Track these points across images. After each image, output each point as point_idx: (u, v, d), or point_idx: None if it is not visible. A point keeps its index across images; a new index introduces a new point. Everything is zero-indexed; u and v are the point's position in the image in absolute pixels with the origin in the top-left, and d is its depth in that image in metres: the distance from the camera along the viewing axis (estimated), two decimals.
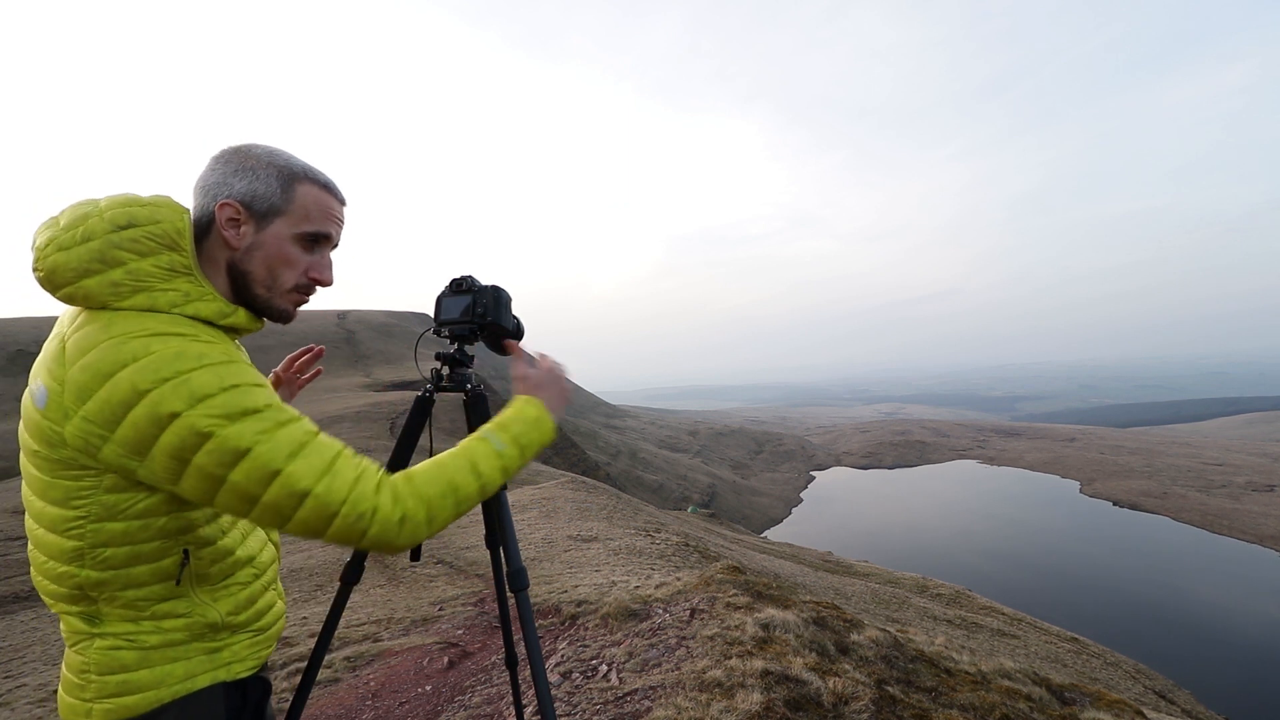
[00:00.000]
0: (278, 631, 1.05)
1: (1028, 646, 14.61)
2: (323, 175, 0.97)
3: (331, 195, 0.97)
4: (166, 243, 0.85)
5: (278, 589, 1.08)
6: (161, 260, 0.84)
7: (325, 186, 0.96)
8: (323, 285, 1.00)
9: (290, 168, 0.93)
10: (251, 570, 0.98)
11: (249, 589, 0.97)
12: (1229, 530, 48.73)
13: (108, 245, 0.82)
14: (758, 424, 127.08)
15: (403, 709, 3.17)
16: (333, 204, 0.97)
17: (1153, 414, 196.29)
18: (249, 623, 0.96)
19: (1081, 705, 3.41)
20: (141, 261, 0.83)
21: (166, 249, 0.85)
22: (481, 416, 1.45)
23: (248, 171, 0.90)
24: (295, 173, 0.93)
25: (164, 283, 0.84)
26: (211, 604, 0.91)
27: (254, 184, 0.90)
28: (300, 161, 0.95)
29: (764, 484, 75.87)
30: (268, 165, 0.91)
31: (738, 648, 2.95)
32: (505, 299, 1.46)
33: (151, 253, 0.84)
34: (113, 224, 0.83)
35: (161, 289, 0.84)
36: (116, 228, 0.83)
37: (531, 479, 22.57)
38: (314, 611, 6.37)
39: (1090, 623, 27.88)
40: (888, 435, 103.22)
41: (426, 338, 1.63)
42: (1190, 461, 69.15)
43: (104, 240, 0.82)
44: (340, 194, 1.00)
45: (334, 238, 0.98)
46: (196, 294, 0.87)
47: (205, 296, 0.87)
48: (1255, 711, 23.59)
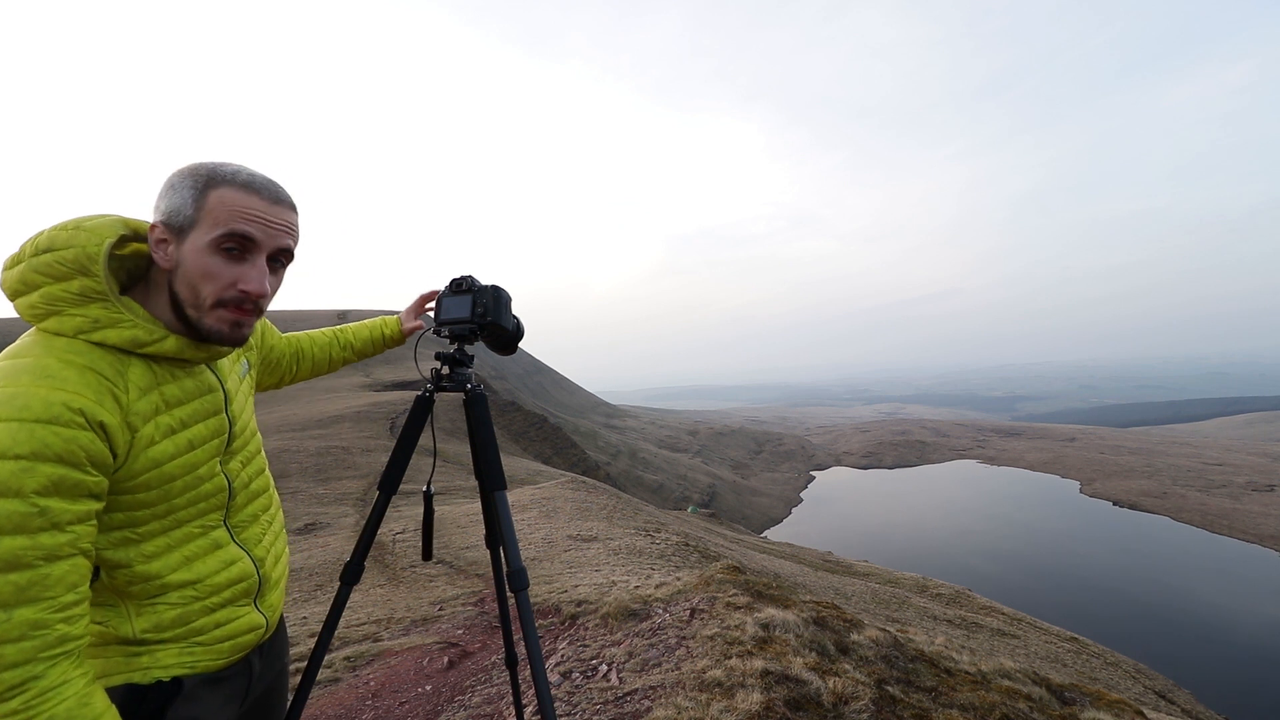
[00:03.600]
0: (242, 643, 1.02)
1: (1028, 646, 14.61)
2: (245, 175, 0.89)
3: (253, 194, 0.89)
4: (78, 268, 0.83)
5: (256, 604, 1.05)
6: (73, 286, 0.83)
7: (245, 186, 0.88)
8: (252, 296, 0.90)
9: (206, 175, 0.87)
10: (190, 593, 0.93)
11: (182, 609, 0.92)
12: (1229, 530, 48.72)
13: (28, 269, 0.84)
14: (758, 424, 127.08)
15: (403, 709, 3.17)
16: (252, 203, 0.88)
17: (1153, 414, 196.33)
18: (179, 638, 0.93)
19: (1081, 705, 3.41)
20: (54, 286, 0.83)
21: (78, 274, 0.84)
22: (481, 416, 1.45)
23: (170, 189, 0.87)
24: (211, 179, 0.87)
25: (75, 308, 0.83)
26: (130, 619, 0.89)
27: (172, 200, 0.87)
28: (227, 167, 0.89)
29: (764, 484, 75.86)
30: (186, 178, 0.87)
31: (738, 647, 2.95)
32: (505, 299, 1.46)
33: (64, 277, 0.83)
34: (35, 248, 0.84)
35: (71, 314, 0.83)
36: (38, 251, 0.84)
37: (531, 479, 22.57)
38: (314, 611, 6.37)
39: (1090, 623, 27.87)
40: (888, 435, 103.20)
41: (426, 338, 1.64)
42: (1190, 461, 69.15)
43: (27, 264, 0.84)
44: (272, 192, 0.91)
45: (260, 239, 0.89)
46: (107, 320, 0.84)
47: (120, 324, 0.85)
48: (1255, 711, 23.58)
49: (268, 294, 0.93)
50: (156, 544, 0.90)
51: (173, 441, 0.90)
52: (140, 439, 0.86)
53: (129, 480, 0.85)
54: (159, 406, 0.90)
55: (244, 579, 1.02)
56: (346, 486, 17.71)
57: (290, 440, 23.67)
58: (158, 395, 0.90)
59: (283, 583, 1.16)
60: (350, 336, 1.52)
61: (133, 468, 0.85)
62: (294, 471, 19.25)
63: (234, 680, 1.03)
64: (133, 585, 0.88)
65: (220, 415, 1.00)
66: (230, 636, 0.99)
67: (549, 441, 47.79)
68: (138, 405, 0.86)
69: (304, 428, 26.72)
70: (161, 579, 0.90)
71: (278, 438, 24.26)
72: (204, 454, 0.96)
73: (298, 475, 18.88)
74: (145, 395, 0.88)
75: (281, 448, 22.04)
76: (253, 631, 1.04)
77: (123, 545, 0.87)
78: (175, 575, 0.92)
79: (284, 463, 20.04)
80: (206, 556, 0.96)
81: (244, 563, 1.02)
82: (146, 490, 0.87)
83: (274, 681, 1.18)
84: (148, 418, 0.87)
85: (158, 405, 0.89)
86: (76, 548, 0.78)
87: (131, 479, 0.85)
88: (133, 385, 0.86)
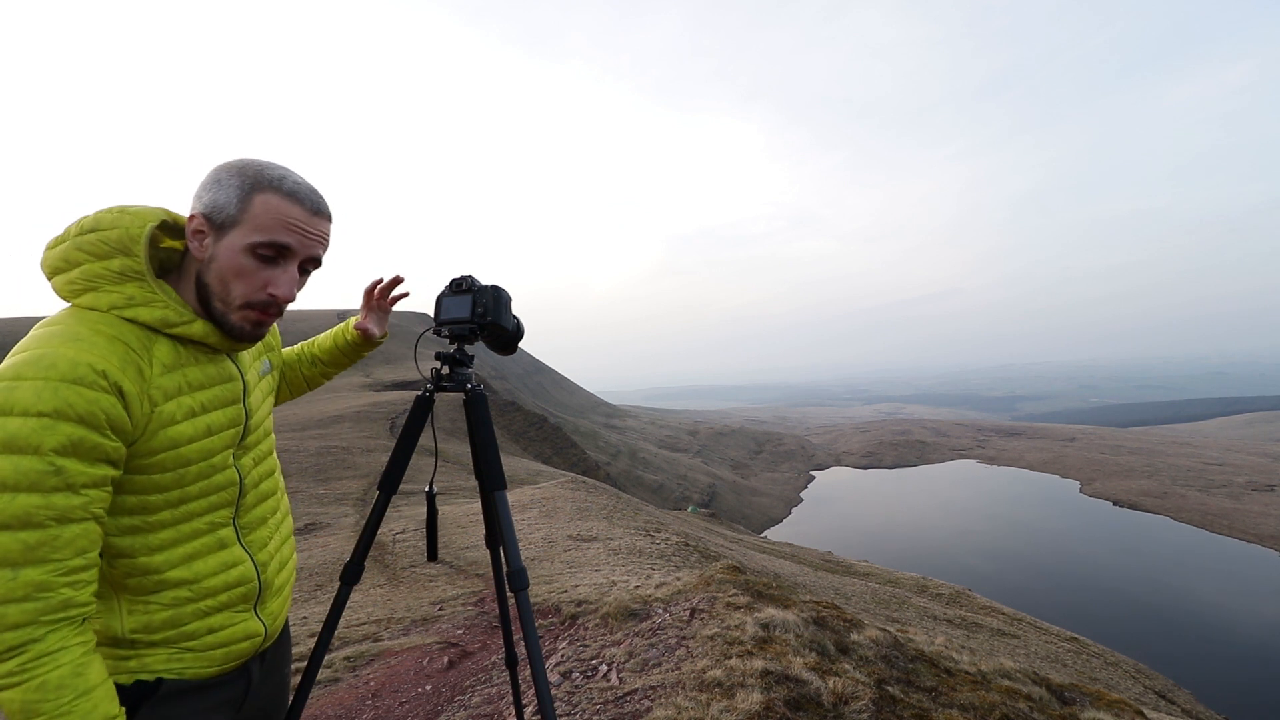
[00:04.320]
0: (237, 651, 0.99)
1: (1028, 646, 14.61)
2: (290, 182, 0.92)
3: (296, 204, 0.92)
4: (120, 248, 0.87)
5: (256, 610, 1.03)
6: (113, 264, 0.87)
7: (290, 195, 0.91)
8: (280, 301, 0.94)
9: (253, 177, 0.90)
10: (185, 593, 0.92)
11: (175, 611, 0.91)
12: (1229, 530, 48.70)
13: (71, 247, 0.88)
14: (758, 424, 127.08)
15: (403, 709, 3.17)
16: (294, 212, 0.91)
17: (1153, 414, 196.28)
18: (169, 641, 0.91)
19: (1081, 705, 3.41)
20: (95, 264, 0.87)
21: (119, 253, 0.87)
22: (481, 416, 1.45)
23: (215, 183, 0.90)
24: (258, 182, 0.89)
25: (113, 285, 0.87)
26: (120, 616, 0.88)
27: (217, 195, 0.90)
28: (273, 171, 0.91)
29: (764, 484, 75.85)
30: (233, 175, 0.90)
31: (738, 647, 2.95)
32: (505, 299, 1.46)
33: (106, 256, 0.87)
34: (80, 228, 0.89)
35: (108, 290, 0.87)
36: (83, 231, 0.88)
37: (531, 479, 22.58)
38: (314, 611, 6.37)
39: (1090, 623, 27.86)
40: (888, 435, 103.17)
41: (426, 337, 1.64)
42: (1190, 461, 69.13)
43: (71, 242, 0.88)
44: (313, 203, 0.94)
45: (295, 249, 0.93)
46: (142, 299, 0.88)
47: (153, 303, 0.88)
48: (1255, 711, 23.57)
49: (294, 299, 0.97)
50: (164, 536, 0.90)
51: (192, 424, 0.92)
52: (160, 415, 0.87)
53: (148, 457, 0.86)
54: (182, 386, 0.91)
55: (243, 583, 1.00)
56: (346, 486, 17.71)
57: (290, 440, 23.68)
58: (180, 375, 0.92)
59: (287, 590, 1.13)
60: (316, 349, 1.48)
61: (151, 444, 0.86)
62: (294, 471, 19.27)
63: (226, 689, 1.00)
64: (131, 578, 0.88)
65: (238, 405, 1.01)
66: (224, 644, 0.97)
67: (549, 441, 47.80)
68: (160, 380, 0.89)
69: (304, 427, 26.73)
70: (161, 574, 0.90)
71: (278, 437, 24.12)
72: (219, 442, 0.96)
73: (298, 475, 18.90)
74: (169, 373, 0.90)
75: (281, 447, 22.01)
76: (250, 639, 1.01)
77: (131, 533, 0.88)
78: (174, 572, 0.91)
79: (284, 463, 19.93)
80: (208, 556, 0.95)
81: (245, 566, 1.01)
82: (162, 471, 0.88)
83: (275, 693, 1.14)
84: (170, 395, 0.89)
85: (180, 385, 0.91)
86: (89, 512, 0.78)
87: (150, 455, 0.87)
88: (157, 361, 0.89)
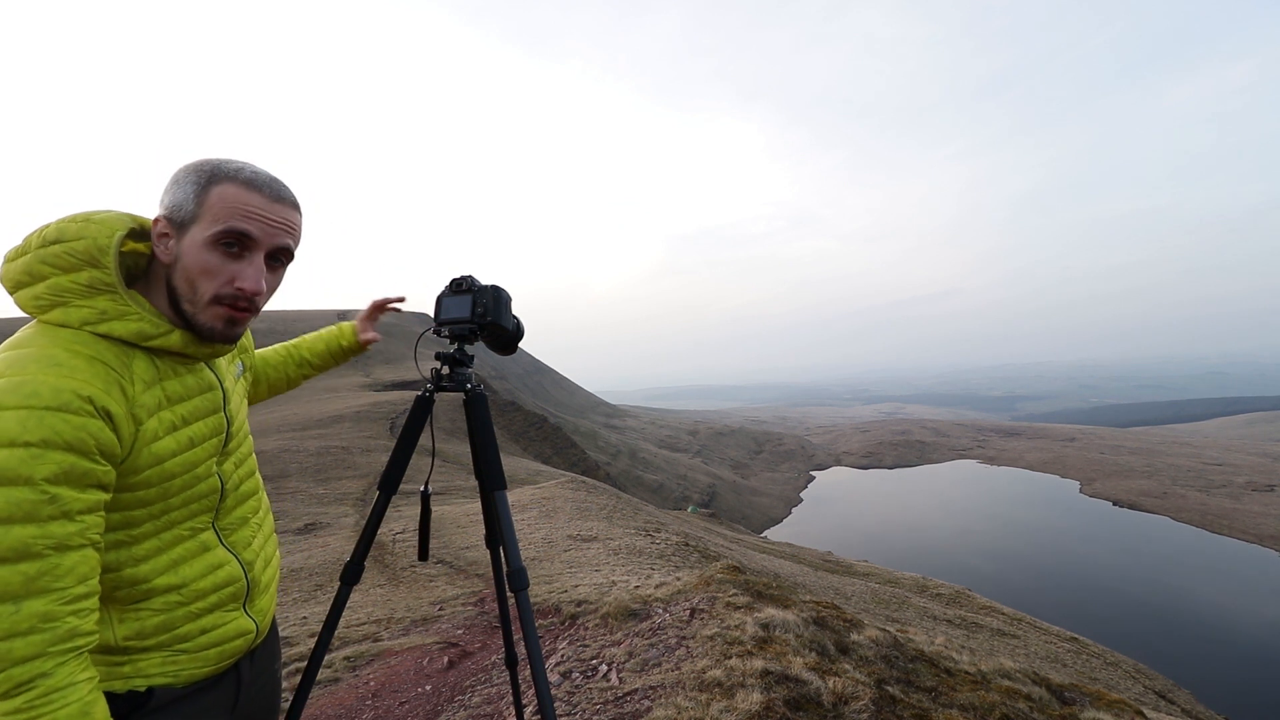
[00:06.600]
0: (230, 650, 0.99)
1: (1028, 646, 14.61)
2: (248, 172, 0.89)
3: (254, 191, 0.88)
4: (87, 259, 0.83)
5: (245, 608, 1.02)
6: (81, 277, 0.83)
7: (246, 183, 0.88)
8: (248, 294, 0.90)
9: (210, 171, 0.87)
10: (174, 598, 0.91)
11: (167, 615, 0.90)
12: (1229, 530, 48.71)
13: (35, 260, 0.83)
14: (758, 424, 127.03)
15: (403, 709, 3.17)
16: (253, 200, 0.88)
17: (1153, 414, 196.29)
18: (163, 646, 0.91)
19: (1081, 705, 3.41)
20: (62, 277, 0.83)
21: (88, 265, 0.84)
22: (481, 416, 1.45)
23: (175, 184, 0.88)
24: (214, 174, 0.87)
25: (82, 299, 0.83)
26: (112, 625, 0.87)
27: (175, 194, 0.87)
28: (231, 164, 0.89)
29: (764, 484, 75.85)
30: (191, 173, 0.87)
31: (738, 647, 2.95)
32: (505, 299, 1.46)
33: (73, 269, 0.83)
34: (43, 239, 0.84)
35: (78, 305, 0.83)
36: (45, 243, 0.84)
37: (531, 479, 22.58)
38: (313, 611, 6.37)
39: (1090, 623, 27.85)
40: (888, 435, 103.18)
41: (426, 337, 1.64)
42: (1190, 461, 69.15)
43: (33, 255, 0.83)
44: (273, 190, 0.91)
45: (258, 237, 0.89)
46: (115, 312, 0.84)
47: (126, 316, 0.85)
48: (1255, 711, 23.58)
49: (264, 292, 0.93)
50: (147, 546, 0.89)
51: (175, 438, 0.90)
52: (144, 433, 0.85)
53: (132, 476, 0.84)
54: (161, 401, 0.89)
55: (231, 583, 1.00)
56: (346, 486, 17.70)
57: (290, 440, 23.66)
58: (160, 390, 0.89)
59: (273, 587, 1.12)
60: (306, 351, 1.46)
61: (136, 463, 0.84)
62: (294, 471, 19.23)
63: (218, 691, 1.00)
64: (119, 590, 0.87)
65: (219, 414, 1.00)
66: (217, 643, 0.97)
67: (549, 441, 47.79)
68: (142, 398, 0.86)
69: (304, 428, 26.71)
70: (148, 583, 0.88)
71: (278, 438, 24.25)
72: (203, 453, 0.95)
73: (298, 475, 18.86)
74: (149, 389, 0.87)
75: (281, 448, 22.02)
76: (241, 637, 1.01)
77: (115, 548, 0.86)
78: (161, 579, 0.90)
79: (284, 463, 20.02)
80: (193, 560, 0.94)
81: (232, 566, 1.00)
82: (147, 488, 0.86)
83: (267, 690, 1.14)
84: (152, 411, 0.87)
85: (160, 400, 0.89)
86: (86, 538, 0.77)
87: (135, 474, 0.85)
88: (137, 378, 0.86)
